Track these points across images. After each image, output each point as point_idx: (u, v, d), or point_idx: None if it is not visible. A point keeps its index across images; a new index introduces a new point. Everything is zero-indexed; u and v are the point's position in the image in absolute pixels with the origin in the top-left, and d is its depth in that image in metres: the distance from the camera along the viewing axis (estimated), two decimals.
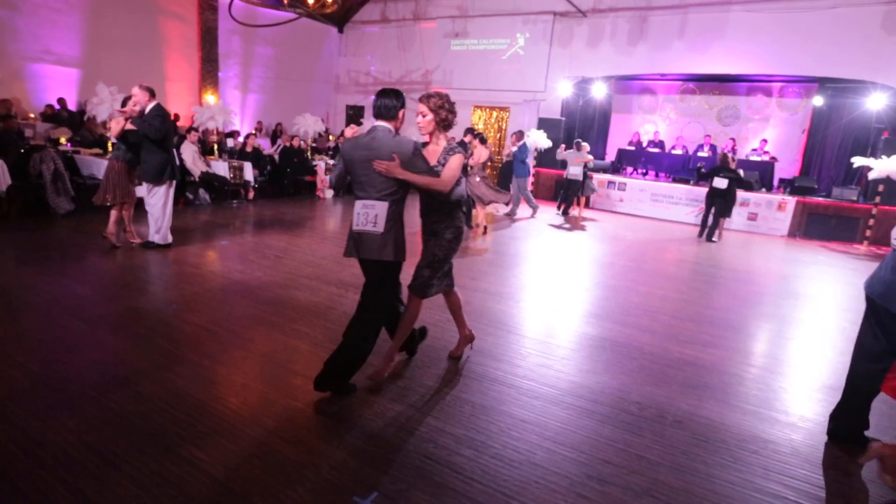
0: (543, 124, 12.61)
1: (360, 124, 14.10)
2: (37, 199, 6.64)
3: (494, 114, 14.73)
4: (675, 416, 2.88)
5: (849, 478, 2.44)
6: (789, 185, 11.19)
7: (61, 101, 10.13)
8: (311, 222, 7.85)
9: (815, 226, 10.28)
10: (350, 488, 2.09)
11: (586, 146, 10.60)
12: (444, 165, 2.82)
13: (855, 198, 10.12)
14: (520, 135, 9.92)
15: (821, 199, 10.40)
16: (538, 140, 11.58)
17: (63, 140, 7.90)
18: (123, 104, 5.49)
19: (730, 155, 9.20)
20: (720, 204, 9.03)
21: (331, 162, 11.14)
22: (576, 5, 12.43)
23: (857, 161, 9.30)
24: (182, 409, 2.55)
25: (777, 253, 8.76)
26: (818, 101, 11.68)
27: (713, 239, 9.21)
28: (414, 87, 15.63)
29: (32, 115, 9.76)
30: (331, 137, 13.95)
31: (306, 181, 10.69)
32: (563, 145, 11.46)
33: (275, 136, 13.43)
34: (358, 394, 2.85)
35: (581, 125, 14.01)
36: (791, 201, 10.47)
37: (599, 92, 13.32)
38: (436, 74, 14.92)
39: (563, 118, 13.06)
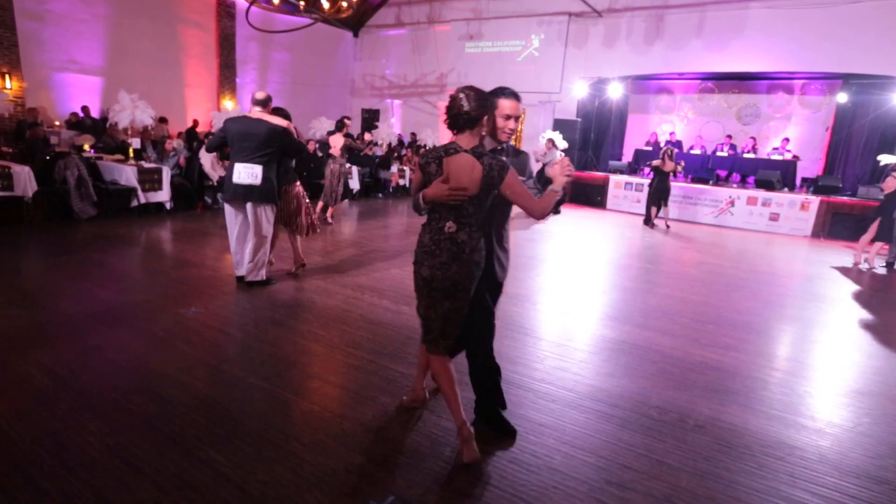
0: (559, 125, 12.53)
1: (375, 127, 14.21)
2: (61, 204, 6.80)
3: None
4: (696, 421, 2.82)
5: (881, 486, 2.36)
6: (812, 185, 10.95)
7: (85, 108, 10.38)
8: (328, 225, 7.90)
9: (840, 226, 10.04)
10: (367, 492, 2.08)
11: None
12: None
13: (882, 197, 9.84)
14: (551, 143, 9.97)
15: (846, 198, 10.15)
16: (555, 142, 11.47)
17: (87, 147, 8.08)
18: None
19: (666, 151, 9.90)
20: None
21: (347, 165, 11.19)
22: (591, 5, 12.35)
23: (884, 159, 9.06)
24: (201, 412, 2.57)
25: (800, 254, 8.56)
26: (842, 97, 11.42)
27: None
28: (429, 90, 15.70)
29: (58, 123, 10.02)
30: (356, 142, 14.03)
31: (322, 185, 10.75)
32: (549, 142, 10.47)
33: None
34: (374, 398, 2.84)
35: (597, 126, 13.91)
36: (814, 201, 10.24)
37: (616, 92, 13.21)
38: (451, 77, 14.95)
39: (579, 119, 12.98)
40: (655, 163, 9.80)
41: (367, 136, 12.89)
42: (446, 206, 2.23)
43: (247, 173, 4.34)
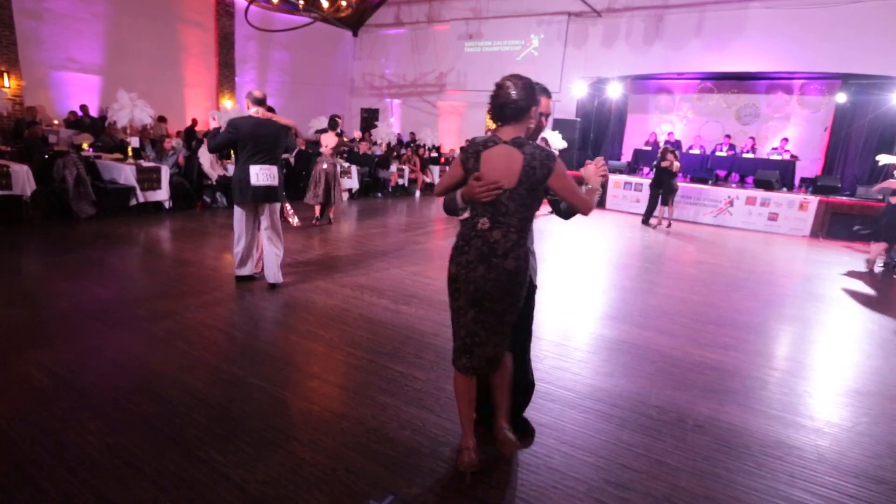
0: (558, 125, 12.53)
1: (374, 126, 14.19)
2: (60, 203, 6.79)
3: None
4: (695, 421, 2.82)
5: (879, 486, 2.36)
6: (811, 185, 10.96)
7: (84, 107, 10.35)
8: (326, 225, 7.90)
9: (839, 226, 10.05)
10: (366, 492, 2.08)
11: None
12: None
13: (881, 197, 9.86)
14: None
15: (844, 198, 10.16)
16: (554, 141, 11.50)
17: (85, 145, 8.07)
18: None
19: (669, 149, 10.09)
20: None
21: (346, 164, 11.20)
22: (591, 5, 12.35)
23: (883, 159, 9.07)
24: (201, 412, 2.57)
25: (799, 254, 8.58)
26: (841, 97, 11.43)
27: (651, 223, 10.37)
28: (428, 90, 15.70)
29: (56, 122, 10.00)
30: (344, 140, 14.03)
31: None
32: (542, 140, 10.26)
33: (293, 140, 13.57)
34: (374, 398, 2.84)
35: (596, 125, 13.91)
36: (813, 201, 10.25)
37: (615, 92, 13.21)
38: (450, 76, 14.95)
39: (579, 119, 12.98)
40: (665, 164, 9.78)
41: (356, 134, 12.89)
42: (482, 202, 2.04)
43: (265, 175, 4.35)
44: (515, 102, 2.00)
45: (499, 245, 2.03)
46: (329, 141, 7.56)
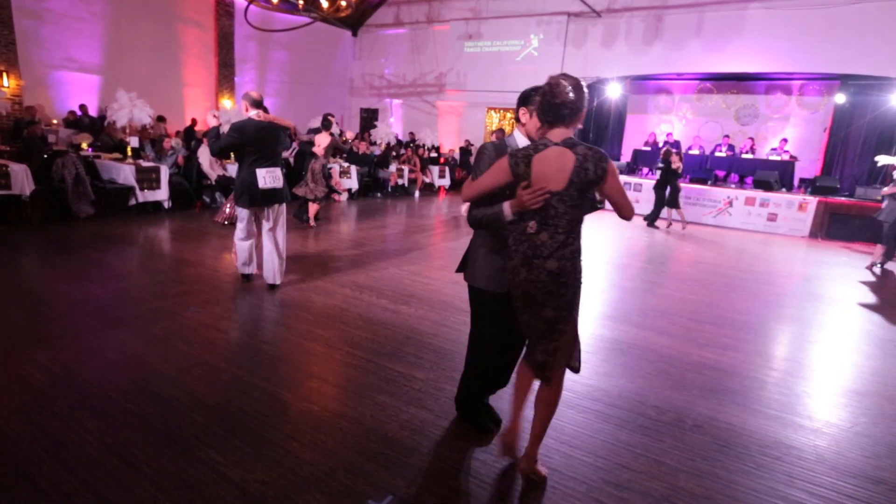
0: None
1: (374, 126, 14.20)
2: (59, 203, 6.78)
3: (508, 115, 14.71)
4: (694, 421, 2.82)
5: (878, 486, 2.37)
6: (810, 185, 10.97)
7: (83, 107, 10.35)
8: (326, 225, 7.90)
9: (838, 226, 10.07)
10: (365, 492, 2.08)
11: None
12: None
13: (879, 197, 9.87)
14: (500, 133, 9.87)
15: (843, 198, 10.18)
16: None
17: (84, 145, 8.06)
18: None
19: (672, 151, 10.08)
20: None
21: (345, 164, 11.20)
22: (590, 5, 12.36)
23: (882, 160, 9.08)
24: (200, 412, 2.57)
25: (798, 254, 8.59)
26: (840, 98, 11.45)
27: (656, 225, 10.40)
28: (428, 90, 15.70)
29: (55, 121, 9.99)
30: (339, 140, 14.05)
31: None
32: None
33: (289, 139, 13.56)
34: (373, 397, 2.84)
35: (596, 126, 13.92)
36: (812, 201, 10.27)
37: (614, 92, 13.22)
38: (450, 76, 14.95)
39: None
40: (674, 166, 9.77)
41: (348, 134, 12.89)
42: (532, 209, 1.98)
43: (271, 177, 4.41)
44: (573, 103, 1.94)
45: (545, 247, 1.97)
46: (322, 141, 7.54)
